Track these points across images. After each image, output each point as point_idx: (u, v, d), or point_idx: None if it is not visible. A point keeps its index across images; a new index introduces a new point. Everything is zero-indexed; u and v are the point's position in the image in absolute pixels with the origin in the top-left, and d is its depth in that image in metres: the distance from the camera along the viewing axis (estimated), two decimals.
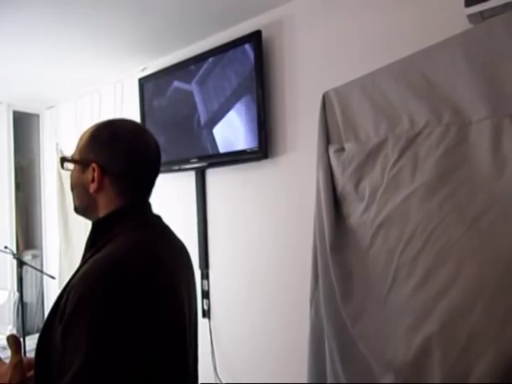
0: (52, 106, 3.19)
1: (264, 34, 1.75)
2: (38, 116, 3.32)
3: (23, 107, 3.19)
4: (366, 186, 1.24)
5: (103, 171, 0.75)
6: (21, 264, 2.41)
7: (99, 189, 0.76)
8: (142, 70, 2.38)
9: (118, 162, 0.76)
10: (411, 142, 1.14)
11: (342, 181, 1.30)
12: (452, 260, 1.02)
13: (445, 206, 1.05)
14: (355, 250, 1.25)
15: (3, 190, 3.07)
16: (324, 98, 1.35)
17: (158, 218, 0.85)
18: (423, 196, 1.10)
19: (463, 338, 0.97)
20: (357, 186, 1.28)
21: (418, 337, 1.05)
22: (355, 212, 1.27)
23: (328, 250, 1.29)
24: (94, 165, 0.75)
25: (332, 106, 1.33)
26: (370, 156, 1.24)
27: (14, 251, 2.76)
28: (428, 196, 1.09)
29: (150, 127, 2.24)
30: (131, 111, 2.44)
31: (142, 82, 2.28)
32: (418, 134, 1.14)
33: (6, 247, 2.49)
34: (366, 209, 1.22)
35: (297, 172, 1.70)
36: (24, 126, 3.35)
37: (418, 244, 1.09)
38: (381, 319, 1.16)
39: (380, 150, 1.20)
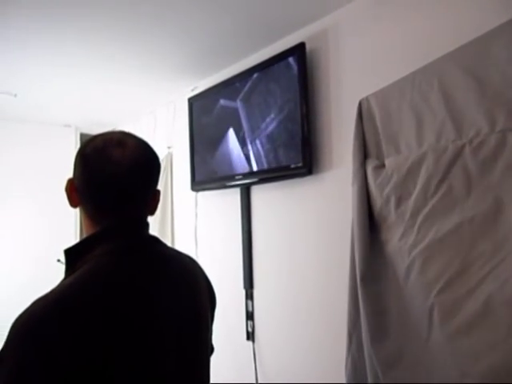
0: (114, 129, 3.39)
1: (308, 46, 1.70)
2: None
3: (89, 130, 3.42)
4: (407, 207, 1.07)
5: (75, 188, 0.73)
6: None
7: (73, 205, 0.75)
8: (192, 89, 2.44)
9: (80, 178, 0.72)
10: (458, 154, 0.95)
11: (381, 201, 1.15)
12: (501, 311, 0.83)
13: (502, 247, 0.85)
14: (391, 282, 1.08)
15: (69, 207, 3.28)
16: (360, 105, 1.21)
17: (139, 242, 0.75)
18: (480, 228, 0.90)
19: None
20: (397, 206, 1.11)
21: None
22: (394, 237, 1.10)
23: (358, 280, 1.14)
24: (68, 179, 0.74)
25: (370, 114, 1.18)
26: (411, 172, 1.07)
27: None
28: (486, 229, 0.89)
29: (198, 145, 2.27)
30: (182, 131, 2.50)
31: (191, 101, 2.33)
32: (465, 145, 0.95)
33: (59, 260, 2.65)
34: (404, 234, 1.05)
35: (343, 188, 1.59)
36: None
37: (466, 286, 0.90)
38: (421, 367, 0.98)
39: (421, 165, 1.03)
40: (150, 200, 0.78)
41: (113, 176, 0.70)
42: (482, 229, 0.91)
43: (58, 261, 2.66)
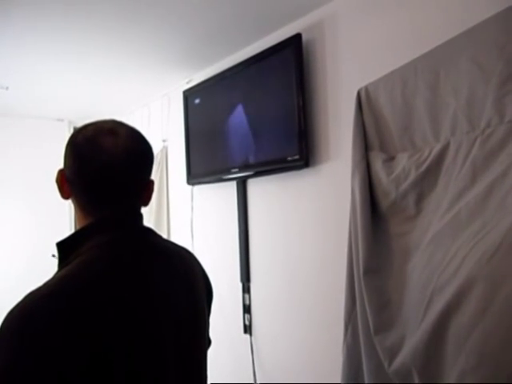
0: None
1: (304, 37, 1.68)
2: None
3: (82, 123, 3.37)
4: (430, 203, 1.06)
5: (67, 179, 0.71)
6: None
7: (64, 197, 0.72)
8: (187, 82, 2.41)
9: (71, 168, 0.70)
10: (471, 147, 0.93)
11: (395, 195, 1.13)
12: (484, 281, 0.84)
13: (487, 224, 0.86)
14: (398, 273, 1.08)
15: (63, 201, 3.25)
16: (359, 95, 1.19)
17: (134, 233, 0.73)
18: (473, 211, 0.91)
19: (504, 377, 0.78)
20: (418, 202, 1.10)
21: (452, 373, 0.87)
22: (415, 230, 1.09)
23: (361, 272, 1.12)
24: (58, 170, 0.72)
25: (370, 104, 1.16)
26: (432, 168, 1.05)
27: None
28: (478, 211, 0.90)
29: (194, 139, 2.25)
30: (177, 124, 2.47)
31: (186, 94, 2.31)
32: (477, 137, 0.93)
33: (53, 256, 2.62)
34: (427, 228, 1.05)
35: (340, 180, 1.58)
36: None
37: (454, 265, 0.90)
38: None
39: (442, 160, 1.01)
40: (143, 190, 0.76)
41: (105, 165, 0.68)
42: (474, 212, 0.91)
43: (53, 256, 2.64)
